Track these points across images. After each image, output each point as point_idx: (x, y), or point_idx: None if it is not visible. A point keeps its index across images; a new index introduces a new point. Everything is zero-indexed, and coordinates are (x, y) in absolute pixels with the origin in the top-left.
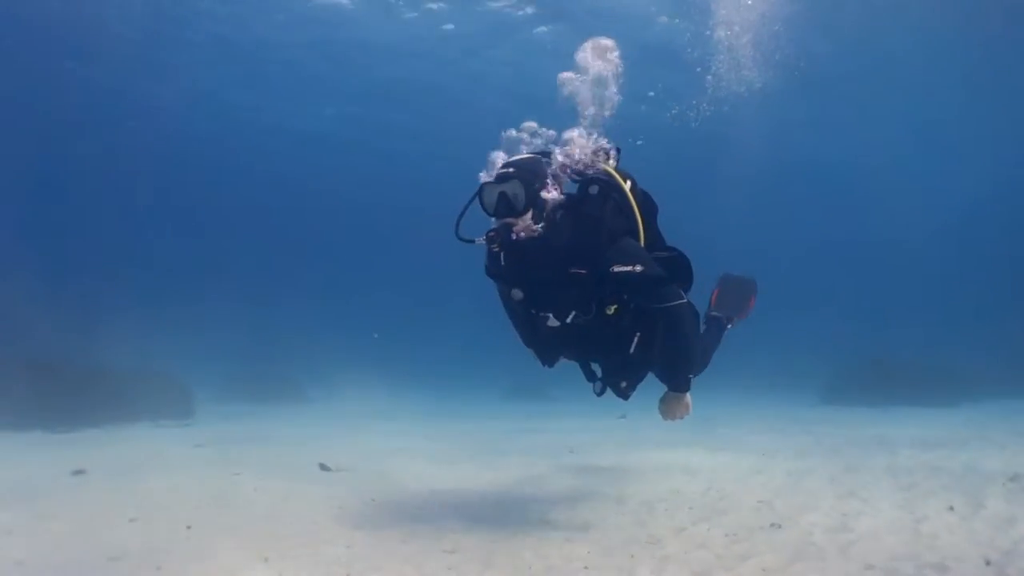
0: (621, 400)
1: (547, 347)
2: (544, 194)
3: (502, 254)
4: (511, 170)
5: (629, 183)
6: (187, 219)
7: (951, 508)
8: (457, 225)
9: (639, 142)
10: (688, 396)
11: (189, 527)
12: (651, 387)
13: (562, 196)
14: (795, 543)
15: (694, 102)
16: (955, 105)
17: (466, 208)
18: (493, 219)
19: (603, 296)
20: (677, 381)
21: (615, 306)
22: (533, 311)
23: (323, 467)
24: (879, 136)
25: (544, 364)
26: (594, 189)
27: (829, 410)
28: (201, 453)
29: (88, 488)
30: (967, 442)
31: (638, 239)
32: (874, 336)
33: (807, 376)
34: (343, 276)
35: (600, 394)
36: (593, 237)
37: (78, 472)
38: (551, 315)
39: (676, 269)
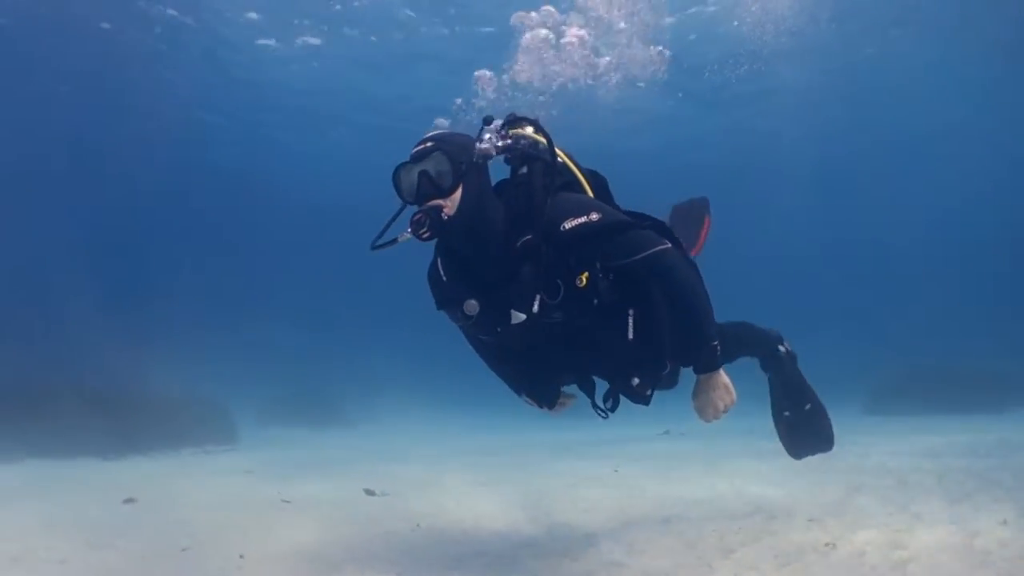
0: (652, 411)
1: (536, 375)
2: (472, 170)
3: (439, 260)
4: (430, 144)
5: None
6: (229, 243)
7: (1004, 522)
8: (379, 236)
9: (680, 94)
10: (724, 376)
11: (242, 556)
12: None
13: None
14: (848, 563)
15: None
16: (992, 74)
17: (397, 215)
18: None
19: (566, 267)
20: (698, 354)
21: (585, 274)
22: (497, 327)
23: (368, 492)
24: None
25: (543, 406)
26: (523, 170)
27: (873, 421)
28: (248, 480)
29: (140, 517)
30: (1017, 450)
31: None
32: (913, 341)
33: (846, 386)
34: (384, 298)
35: (613, 409)
36: (528, 198)
37: (129, 500)
38: (513, 310)
39: None
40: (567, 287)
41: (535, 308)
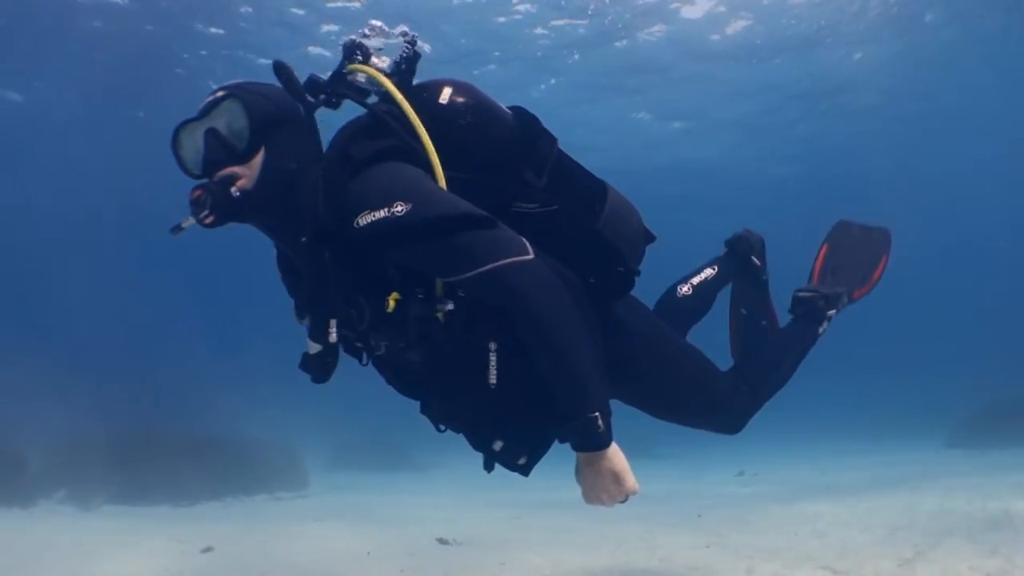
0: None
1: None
2: (282, 129)
3: (282, 272)
4: (221, 93)
5: (430, 95)
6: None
7: None
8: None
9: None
10: (614, 460)
11: None
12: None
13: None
14: None
15: None
16: None
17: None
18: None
19: (368, 280)
20: (567, 425)
21: (394, 296)
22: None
23: (442, 541)
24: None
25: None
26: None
27: (957, 454)
28: (323, 528)
29: (219, 567)
30: None
31: (429, 173)
32: (1001, 367)
33: (927, 416)
34: None
35: (488, 469)
36: (317, 176)
37: (207, 549)
38: (308, 337)
39: (559, 237)
40: (373, 310)
41: (332, 336)
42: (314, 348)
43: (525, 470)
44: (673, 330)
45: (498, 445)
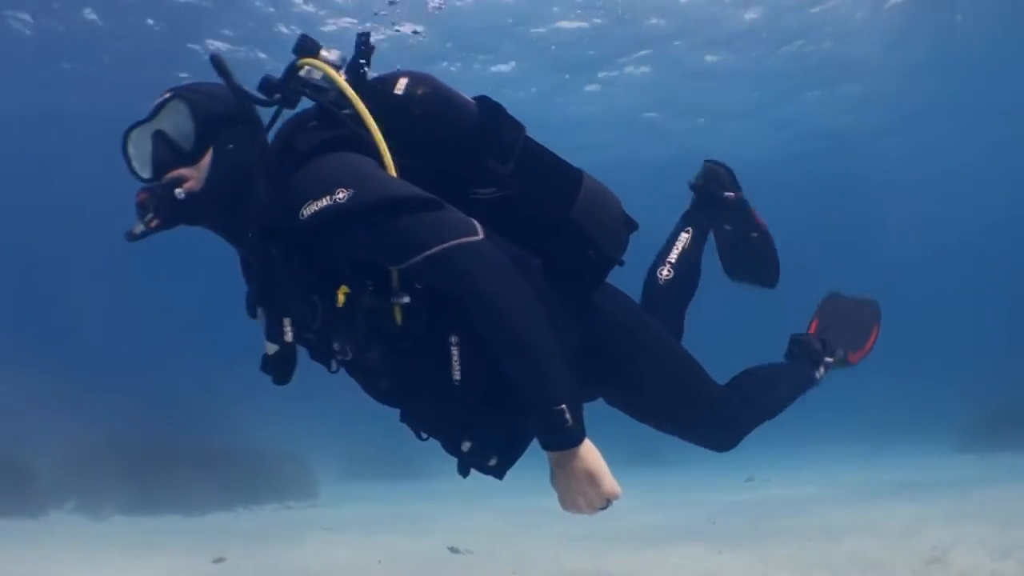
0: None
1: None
2: (231, 128)
3: (245, 276)
4: (168, 94)
5: (385, 86)
6: None
7: None
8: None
9: None
10: (588, 459)
11: None
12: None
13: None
14: None
15: None
16: None
17: None
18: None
19: (317, 274)
20: (533, 421)
21: (343, 289)
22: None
23: (453, 550)
24: None
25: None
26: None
27: (968, 459)
28: (333, 537)
29: None
30: None
31: (378, 161)
32: (1009, 369)
33: (935, 420)
34: None
35: (463, 474)
36: (263, 168)
37: (219, 560)
38: (266, 339)
39: (524, 222)
40: (325, 306)
41: (287, 336)
42: (271, 348)
43: (498, 472)
44: (665, 325)
45: (466, 446)
